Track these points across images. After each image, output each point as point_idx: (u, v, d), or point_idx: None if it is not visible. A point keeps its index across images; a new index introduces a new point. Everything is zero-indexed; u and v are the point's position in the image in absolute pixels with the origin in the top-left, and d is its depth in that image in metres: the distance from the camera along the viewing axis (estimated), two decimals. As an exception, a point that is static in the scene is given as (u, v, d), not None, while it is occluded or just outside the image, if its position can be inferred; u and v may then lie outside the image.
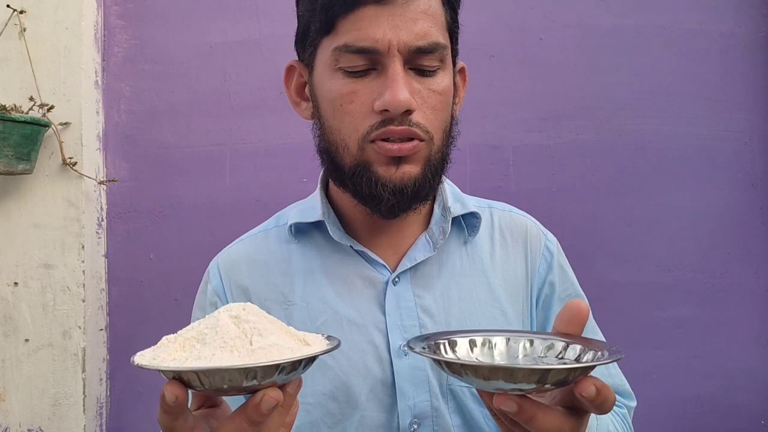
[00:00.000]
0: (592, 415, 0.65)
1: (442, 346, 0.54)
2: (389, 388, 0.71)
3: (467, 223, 0.78)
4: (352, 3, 0.65)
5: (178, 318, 1.56)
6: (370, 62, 0.66)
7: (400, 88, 0.64)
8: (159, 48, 1.58)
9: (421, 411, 0.70)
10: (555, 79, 1.56)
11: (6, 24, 1.46)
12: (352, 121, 0.67)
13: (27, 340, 1.46)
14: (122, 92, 1.58)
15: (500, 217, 0.82)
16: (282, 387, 0.47)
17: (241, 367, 0.43)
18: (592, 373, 0.46)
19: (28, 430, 1.46)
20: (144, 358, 0.48)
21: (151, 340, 0.51)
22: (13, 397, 1.45)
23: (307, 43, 0.72)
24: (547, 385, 0.44)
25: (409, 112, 0.65)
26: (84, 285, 1.46)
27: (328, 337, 0.53)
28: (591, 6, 1.57)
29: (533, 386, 0.43)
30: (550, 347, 0.53)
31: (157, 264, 1.56)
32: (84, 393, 1.46)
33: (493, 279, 0.77)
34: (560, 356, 0.52)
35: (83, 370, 1.46)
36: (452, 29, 0.71)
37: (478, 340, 0.55)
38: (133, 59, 1.59)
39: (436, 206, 0.78)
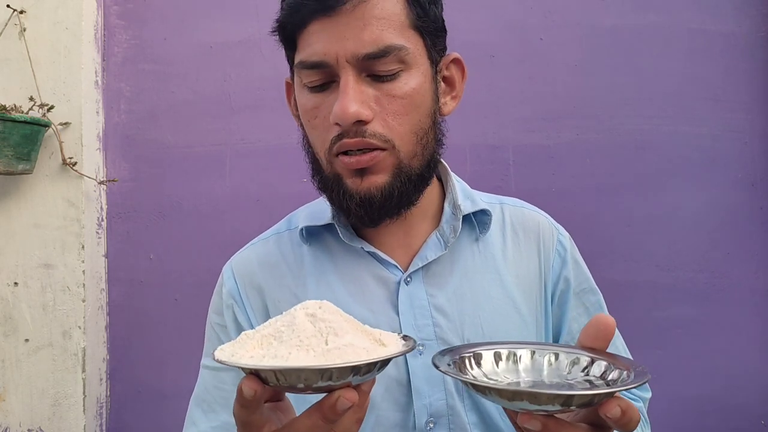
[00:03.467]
0: None
1: (467, 361, 0.54)
2: (404, 388, 0.70)
3: (478, 220, 0.78)
4: (300, 20, 0.66)
5: (178, 318, 1.56)
6: (326, 76, 0.66)
7: (348, 100, 0.63)
8: (159, 48, 1.58)
9: (436, 410, 0.70)
10: (555, 79, 1.56)
11: (6, 24, 1.46)
12: (319, 135, 0.68)
13: (27, 340, 1.46)
14: (122, 92, 1.58)
15: (512, 213, 0.82)
16: (357, 385, 0.48)
17: (316, 368, 0.44)
18: None
19: (28, 430, 1.46)
20: (224, 353, 0.48)
21: (151, 340, 0.51)
22: (13, 397, 1.45)
23: (288, 60, 0.74)
24: (572, 407, 0.44)
25: (362, 122, 0.64)
26: (84, 285, 1.46)
27: (404, 337, 0.53)
28: (591, 6, 1.57)
29: (558, 408, 0.44)
30: (575, 362, 0.53)
31: (157, 264, 1.56)
32: (84, 393, 1.46)
33: (506, 276, 0.76)
34: (585, 372, 0.52)
35: (83, 370, 1.46)
36: (420, 25, 0.68)
37: (503, 353, 0.55)
38: (133, 59, 1.59)
39: (446, 204, 0.78)
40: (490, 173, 1.55)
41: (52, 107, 1.44)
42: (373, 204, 0.67)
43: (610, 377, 0.49)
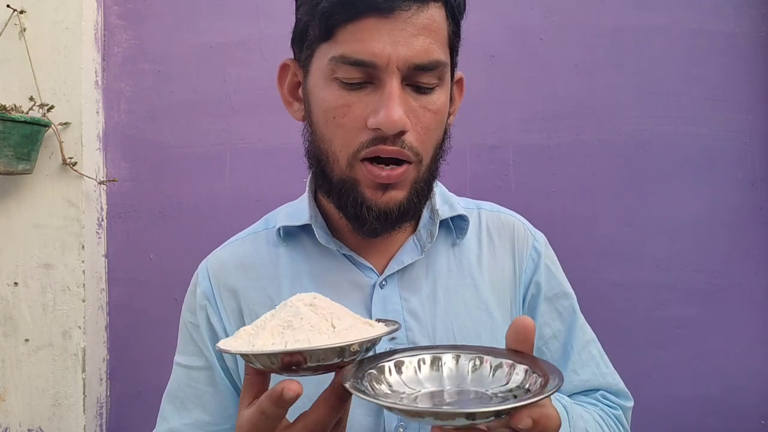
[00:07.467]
0: (564, 419, 0.64)
1: (387, 369, 0.52)
2: None
3: (456, 225, 0.78)
4: (353, 12, 0.62)
5: (178, 318, 1.56)
6: (366, 75, 0.64)
7: (396, 107, 0.62)
8: (159, 48, 1.58)
9: None
10: (555, 79, 1.56)
11: (6, 24, 1.46)
12: (344, 135, 0.65)
13: (27, 340, 1.46)
14: (122, 92, 1.58)
15: (488, 217, 0.82)
16: (337, 388, 0.51)
17: (335, 346, 0.47)
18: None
19: (28, 430, 1.46)
20: (236, 346, 0.50)
21: (151, 340, 0.51)
22: (13, 397, 1.45)
23: (304, 45, 0.71)
24: (478, 422, 0.43)
25: (402, 132, 0.64)
26: (84, 285, 1.46)
27: (378, 320, 0.56)
28: (591, 6, 1.57)
29: (464, 423, 0.43)
30: (498, 367, 0.51)
31: (157, 264, 1.56)
32: (84, 393, 1.46)
33: (480, 281, 0.77)
34: (508, 377, 0.51)
35: (83, 370, 1.46)
36: (453, 43, 0.69)
37: (427, 358, 0.54)
38: (133, 59, 1.59)
39: (424, 209, 0.77)
40: (490, 173, 1.55)
41: (52, 107, 1.44)
42: (389, 218, 0.67)
43: (528, 383, 0.48)
